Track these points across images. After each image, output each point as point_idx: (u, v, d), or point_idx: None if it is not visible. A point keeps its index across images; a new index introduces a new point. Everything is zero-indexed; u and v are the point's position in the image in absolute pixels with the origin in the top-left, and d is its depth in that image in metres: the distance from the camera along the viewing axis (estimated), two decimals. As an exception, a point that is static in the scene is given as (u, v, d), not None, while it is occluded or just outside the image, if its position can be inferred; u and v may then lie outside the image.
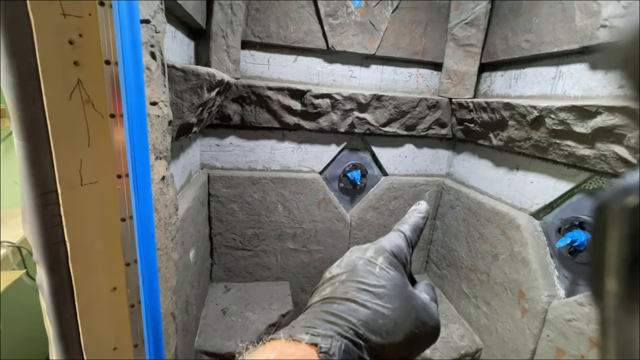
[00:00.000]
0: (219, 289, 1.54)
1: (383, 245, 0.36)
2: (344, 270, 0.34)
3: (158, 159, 0.67)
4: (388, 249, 0.35)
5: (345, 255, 0.37)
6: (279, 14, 1.37)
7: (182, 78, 0.86)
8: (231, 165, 1.51)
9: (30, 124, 0.46)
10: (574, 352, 0.97)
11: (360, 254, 0.35)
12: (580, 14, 1.01)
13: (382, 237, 0.39)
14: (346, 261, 0.35)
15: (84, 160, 0.49)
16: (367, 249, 0.36)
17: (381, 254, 0.35)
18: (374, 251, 0.35)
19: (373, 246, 0.36)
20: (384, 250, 0.35)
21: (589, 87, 1.04)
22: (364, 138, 1.62)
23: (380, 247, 0.36)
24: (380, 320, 0.30)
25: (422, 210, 0.41)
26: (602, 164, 0.92)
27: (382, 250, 0.35)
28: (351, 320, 0.29)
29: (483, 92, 1.54)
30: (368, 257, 0.34)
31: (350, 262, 0.35)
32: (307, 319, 0.30)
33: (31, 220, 0.50)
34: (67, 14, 0.44)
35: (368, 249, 0.36)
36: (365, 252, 0.35)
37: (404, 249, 0.37)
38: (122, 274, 0.55)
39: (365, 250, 0.36)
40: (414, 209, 0.42)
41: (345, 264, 0.35)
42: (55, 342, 0.55)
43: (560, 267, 1.09)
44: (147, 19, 0.60)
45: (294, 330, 0.29)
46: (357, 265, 0.34)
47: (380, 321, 0.30)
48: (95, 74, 0.47)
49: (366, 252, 0.36)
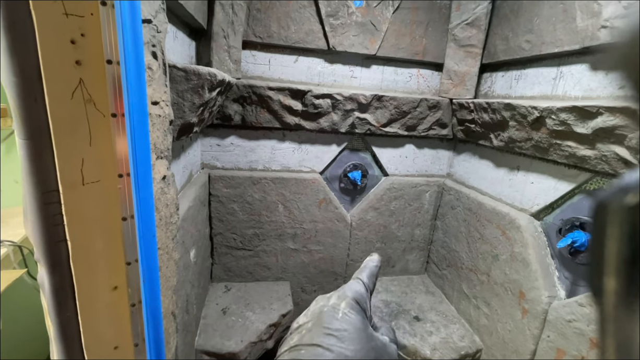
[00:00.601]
0: (219, 289, 1.54)
1: (345, 292, 0.39)
2: (310, 318, 0.37)
3: (159, 159, 0.67)
4: (350, 295, 0.38)
5: (311, 305, 0.40)
6: (280, 14, 1.37)
7: (184, 78, 0.86)
8: (232, 165, 1.51)
9: (32, 123, 0.46)
10: (574, 353, 0.97)
11: (324, 302, 0.38)
12: (581, 14, 1.01)
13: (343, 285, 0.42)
14: (312, 310, 0.38)
15: (85, 160, 0.49)
16: (331, 297, 0.39)
17: (343, 300, 0.38)
18: (336, 298, 0.39)
19: (336, 293, 0.40)
20: (345, 296, 0.38)
21: (590, 88, 1.04)
22: (364, 138, 1.62)
23: (342, 294, 0.39)
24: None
25: (374, 260, 0.46)
26: (603, 164, 0.92)
27: (344, 296, 0.38)
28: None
29: (484, 93, 1.54)
30: (332, 304, 0.37)
31: (316, 310, 0.38)
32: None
33: (32, 219, 0.50)
34: (69, 14, 0.44)
35: (331, 297, 0.39)
36: (329, 300, 0.39)
37: (363, 294, 0.40)
38: (123, 273, 0.55)
39: (329, 299, 0.39)
40: (369, 259, 0.47)
41: (311, 313, 0.38)
42: (56, 341, 0.55)
43: (560, 267, 1.09)
44: (149, 19, 0.60)
45: None
46: (322, 312, 0.37)
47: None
48: (97, 73, 0.47)
49: (330, 299, 0.39)
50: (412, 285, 1.74)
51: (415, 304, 1.57)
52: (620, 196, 0.15)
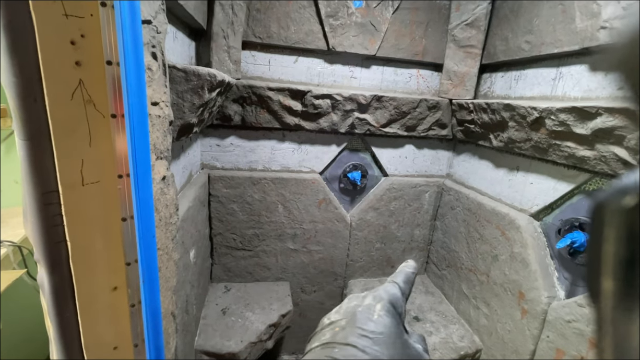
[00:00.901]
0: (219, 289, 1.54)
1: (381, 293, 0.38)
2: (343, 316, 0.35)
3: (159, 159, 0.67)
4: (386, 298, 0.37)
5: (343, 303, 0.39)
6: (279, 14, 1.38)
7: (183, 78, 0.86)
8: (231, 166, 1.51)
9: (32, 123, 0.47)
10: (574, 353, 0.97)
11: (358, 302, 0.37)
12: (580, 15, 1.01)
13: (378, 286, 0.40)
14: (345, 308, 0.37)
15: (85, 160, 0.49)
16: (366, 296, 0.38)
17: (379, 302, 0.36)
18: (372, 299, 0.37)
19: (371, 294, 0.38)
20: (381, 298, 0.37)
21: (589, 89, 1.04)
22: (364, 139, 1.62)
23: (378, 295, 0.37)
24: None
25: (411, 267, 0.44)
26: (602, 165, 0.92)
27: (380, 298, 0.37)
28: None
29: (483, 93, 1.54)
30: (367, 305, 0.36)
31: (349, 309, 0.36)
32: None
33: (32, 220, 0.50)
34: (69, 15, 0.44)
35: (366, 297, 0.38)
36: (363, 300, 0.37)
37: (399, 299, 0.38)
38: (122, 274, 0.55)
39: (363, 298, 0.37)
40: (404, 265, 0.45)
41: (344, 310, 0.37)
42: (56, 341, 0.55)
43: (560, 268, 1.10)
44: (149, 20, 0.60)
45: None
46: (356, 312, 0.35)
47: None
48: (97, 74, 0.47)
49: (364, 299, 0.37)
50: (411, 286, 1.74)
51: (415, 304, 1.57)
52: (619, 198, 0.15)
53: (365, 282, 1.74)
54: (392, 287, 0.39)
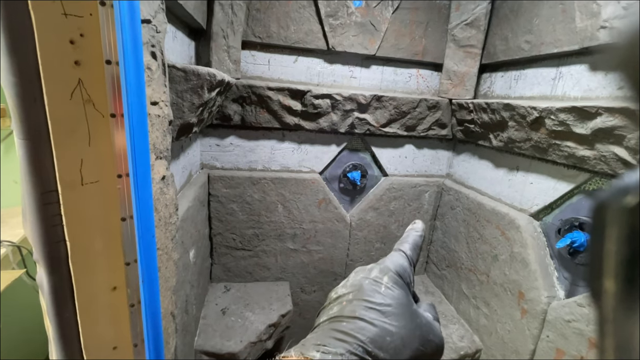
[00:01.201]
0: (218, 289, 1.54)
1: (387, 265, 0.37)
2: (350, 289, 0.35)
3: (158, 159, 0.67)
4: (392, 269, 0.36)
5: (350, 276, 0.38)
6: (279, 14, 1.37)
7: (183, 78, 0.86)
8: (231, 166, 1.51)
9: (31, 123, 0.46)
10: (574, 353, 0.97)
11: (365, 274, 0.36)
12: (580, 15, 1.01)
13: (385, 257, 0.39)
14: (352, 281, 0.36)
15: (84, 160, 0.49)
16: (372, 269, 0.37)
17: (386, 274, 0.36)
18: (379, 271, 0.36)
19: (378, 266, 0.37)
20: (388, 270, 0.36)
21: (589, 88, 1.04)
22: (364, 138, 1.62)
23: (384, 266, 0.37)
24: (387, 338, 0.30)
25: (419, 229, 0.43)
26: (602, 164, 0.92)
27: (387, 269, 0.36)
28: (360, 337, 0.30)
29: (483, 93, 1.54)
30: (373, 277, 0.35)
31: (356, 282, 0.36)
32: (318, 337, 0.31)
33: (31, 220, 0.50)
34: (68, 14, 0.44)
35: (373, 269, 0.37)
36: (370, 272, 0.36)
37: (407, 269, 0.37)
38: (122, 274, 0.55)
39: (370, 271, 0.37)
40: (411, 228, 0.44)
41: (350, 283, 0.36)
42: (55, 341, 0.55)
43: (560, 268, 1.10)
44: (148, 19, 0.60)
45: (304, 348, 0.30)
46: (363, 284, 0.34)
47: (387, 339, 0.30)
48: (96, 73, 0.47)
49: (371, 272, 0.36)
50: (411, 286, 1.74)
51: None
52: (620, 197, 0.15)
53: (365, 282, 1.74)
54: (399, 256, 0.38)
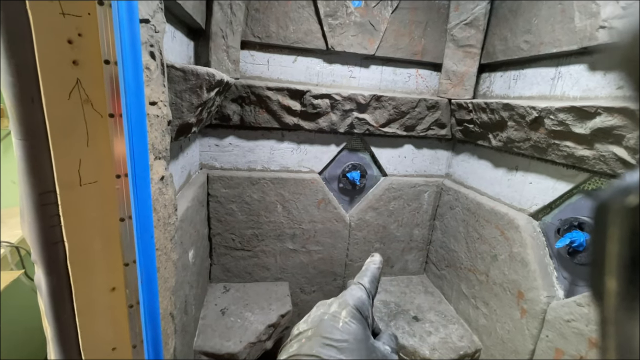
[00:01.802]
0: (218, 289, 1.54)
1: (346, 299, 0.38)
2: (310, 326, 0.36)
3: (157, 159, 0.67)
4: (351, 303, 0.37)
5: (312, 311, 0.39)
6: (278, 14, 1.37)
7: (182, 78, 0.86)
8: (230, 166, 1.51)
9: (28, 123, 0.46)
10: (573, 353, 0.97)
11: (325, 309, 0.37)
12: (579, 14, 1.02)
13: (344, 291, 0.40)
14: (312, 317, 0.37)
15: (82, 160, 0.49)
16: (332, 303, 0.38)
17: (344, 308, 0.36)
18: (337, 305, 0.37)
19: (337, 300, 0.38)
20: (347, 304, 0.37)
21: (588, 88, 1.04)
22: (363, 138, 1.62)
23: (343, 301, 0.38)
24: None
25: (376, 262, 0.45)
26: (601, 164, 0.92)
27: (345, 304, 0.37)
28: None
29: (482, 93, 1.54)
30: (332, 312, 0.36)
31: (316, 317, 0.36)
32: None
33: (30, 220, 0.49)
34: (66, 13, 0.44)
35: (332, 304, 0.38)
36: (329, 307, 0.37)
37: (365, 301, 0.38)
38: (120, 274, 0.55)
39: (329, 305, 0.38)
40: (369, 261, 0.45)
41: (311, 319, 0.37)
42: (54, 342, 0.55)
43: (559, 267, 1.10)
44: (147, 19, 0.60)
45: None
46: (322, 320, 0.35)
47: None
48: (95, 73, 0.47)
49: (330, 307, 0.37)
50: (411, 286, 1.74)
51: (414, 304, 1.57)
52: (621, 197, 0.15)
53: (364, 282, 1.74)
54: (357, 290, 0.39)
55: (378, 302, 1.57)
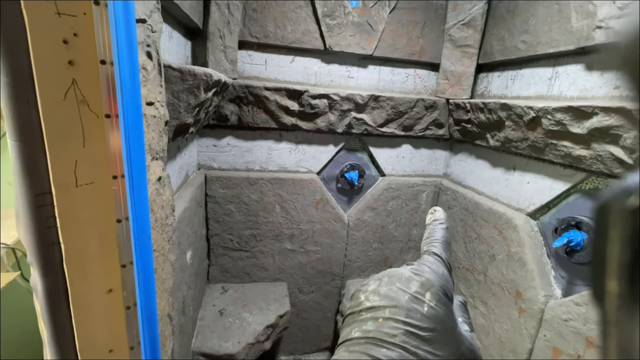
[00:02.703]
0: (216, 290, 1.54)
1: (429, 278, 0.32)
2: (386, 303, 0.31)
3: (154, 160, 0.66)
4: (436, 284, 0.32)
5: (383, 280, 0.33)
6: (276, 14, 1.37)
7: (179, 78, 0.86)
8: (228, 166, 1.50)
9: (24, 124, 0.46)
10: (571, 352, 0.97)
11: (402, 285, 0.32)
12: (576, 15, 1.02)
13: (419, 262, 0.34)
14: (386, 290, 0.32)
15: (78, 161, 0.48)
16: (410, 280, 0.32)
17: (428, 289, 0.31)
18: (419, 285, 0.32)
19: (417, 278, 0.32)
20: (431, 285, 0.32)
21: (585, 88, 1.04)
22: (361, 138, 1.62)
23: (426, 280, 0.32)
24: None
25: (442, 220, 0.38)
26: (598, 164, 0.93)
27: (430, 284, 0.32)
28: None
29: (480, 93, 1.55)
30: (414, 293, 0.31)
31: (392, 293, 0.31)
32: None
33: (25, 222, 0.49)
34: (61, 13, 0.44)
35: (411, 281, 0.32)
36: (408, 284, 0.32)
37: (448, 278, 0.33)
38: (117, 276, 0.55)
39: (407, 282, 0.32)
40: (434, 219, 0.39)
41: (385, 293, 0.32)
42: (50, 345, 0.55)
43: (556, 267, 1.10)
44: (143, 19, 0.59)
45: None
46: (401, 300, 0.30)
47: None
48: (91, 73, 0.46)
49: (409, 284, 0.32)
50: (409, 285, 1.74)
51: (412, 304, 1.57)
52: (622, 198, 0.15)
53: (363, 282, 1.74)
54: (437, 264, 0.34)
55: (376, 302, 1.57)
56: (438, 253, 0.35)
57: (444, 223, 0.38)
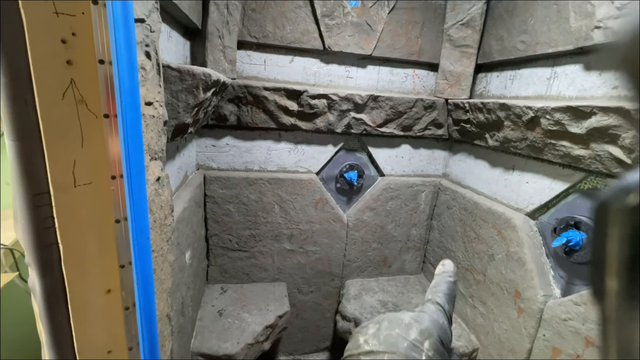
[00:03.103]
0: (215, 291, 1.53)
1: (428, 327, 0.33)
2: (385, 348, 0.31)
3: (153, 160, 0.66)
4: (435, 334, 0.32)
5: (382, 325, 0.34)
6: (275, 14, 1.37)
7: (178, 78, 0.86)
8: (227, 166, 1.50)
9: (21, 124, 0.46)
10: (570, 352, 0.97)
11: (402, 332, 0.32)
12: (574, 15, 1.02)
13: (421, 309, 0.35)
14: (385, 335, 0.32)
15: (77, 161, 0.48)
16: (410, 326, 0.33)
17: (427, 339, 0.32)
18: (418, 333, 0.32)
19: (417, 325, 0.33)
20: (430, 335, 0.32)
21: (584, 88, 1.05)
22: (360, 138, 1.62)
23: (425, 329, 0.32)
24: None
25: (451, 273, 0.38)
26: (597, 164, 0.93)
27: (428, 334, 0.32)
28: None
29: (479, 93, 1.55)
30: (413, 340, 0.31)
31: (391, 338, 0.32)
32: None
33: (23, 222, 0.49)
34: (59, 13, 0.44)
35: (411, 328, 0.32)
36: (408, 331, 0.32)
37: (447, 330, 0.34)
38: (116, 276, 0.54)
39: (407, 328, 0.32)
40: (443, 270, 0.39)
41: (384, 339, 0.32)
42: (48, 346, 0.54)
43: (555, 266, 1.10)
44: (142, 18, 0.59)
45: None
46: (400, 347, 0.31)
47: None
48: (89, 73, 0.46)
49: (409, 330, 0.32)
50: (408, 285, 1.74)
51: (412, 304, 1.58)
52: (622, 197, 0.15)
53: (362, 282, 1.74)
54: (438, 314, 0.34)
55: (376, 302, 1.57)
56: (441, 303, 0.36)
57: (452, 277, 0.39)
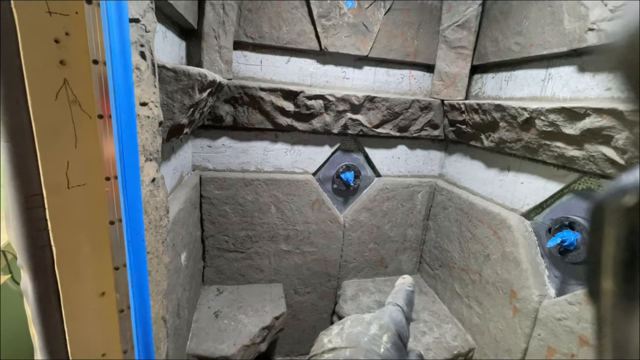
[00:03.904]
0: (211, 292, 1.52)
1: (387, 322, 0.36)
2: (347, 344, 0.34)
3: (148, 161, 0.66)
4: (393, 328, 0.35)
5: (345, 325, 0.36)
6: (271, 14, 1.37)
7: (173, 78, 0.85)
8: (223, 167, 1.49)
9: (13, 124, 0.45)
10: (565, 351, 0.98)
11: (363, 328, 0.35)
12: (568, 17, 1.03)
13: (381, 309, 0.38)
14: (347, 333, 0.35)
15: (70, 162, 0.48)
16: (370, 323, 0.35)
17: (385, 332, 0.35)
18: (378, 328, 0.35)
19: (377, 321, 0.36)
20: (388, 329, 0.35)
21: (578, 89, 1.06)
22: (357, 139, 1.62)
23: (385, 324, 0.35)
24: None
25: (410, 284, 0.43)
26: (591, 164, 0.94)
27: (387, 328, 0.35)
28: None
29: (474, 94, 1.56)
30: (372, 335, 0.34)
31: (353, 335, 0.34)
32: None
33: (15, 224, 0.48)
34: (52, 12, 0.43)
35: (371, 324, 0.35)
36: (368, 327, 0.35)
37: (404, 326, 0.37)
38: (110, 279, 0.54)
39: (368, 324, 0.35)
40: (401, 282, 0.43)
41: (347, 336, 0.35)
42: (41, 349, 0.54)
43: (550, 266, 1.11)
44: (137, 18, 0.59)
45: None
46: (361, 342, 0.33)
47: None
48: (83, 73, 0.46)
49: (369, 327, 0.35)
50: (405, 286, 1.75)
51: (408, 304, 1.58)
52: (618, 198, 0.15)
53: (358, 282, 1.74)
54: (397, 312, 0.37)
55: (373, 303, 1.57)
56: (400, 305, 0.39)
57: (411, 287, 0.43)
